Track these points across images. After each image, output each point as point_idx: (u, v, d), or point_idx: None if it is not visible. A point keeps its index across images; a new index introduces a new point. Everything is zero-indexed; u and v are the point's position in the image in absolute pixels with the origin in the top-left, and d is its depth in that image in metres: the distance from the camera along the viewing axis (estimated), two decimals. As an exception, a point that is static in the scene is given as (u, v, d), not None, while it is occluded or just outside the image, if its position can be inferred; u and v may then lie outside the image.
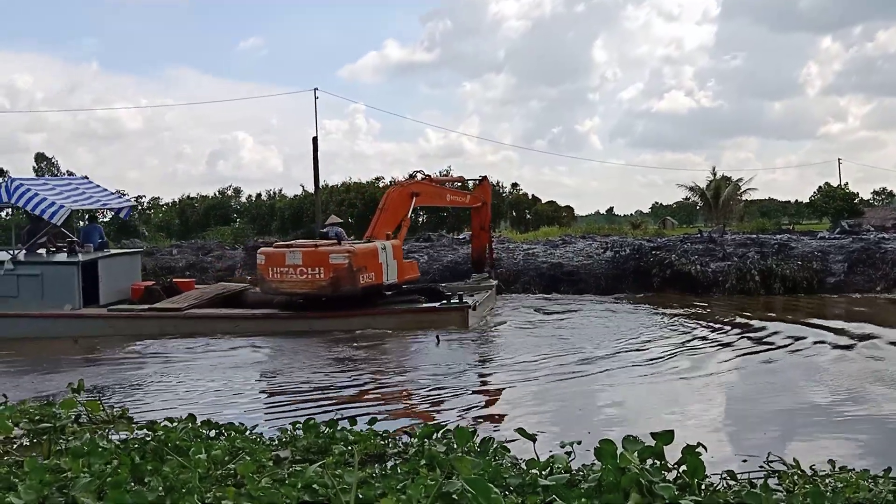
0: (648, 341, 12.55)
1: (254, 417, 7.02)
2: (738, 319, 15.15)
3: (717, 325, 14.32)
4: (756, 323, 14.59)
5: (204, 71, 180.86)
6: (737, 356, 11.10)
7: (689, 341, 12.53)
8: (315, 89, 44.21)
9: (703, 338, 12.92)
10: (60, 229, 17.49)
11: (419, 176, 18.75)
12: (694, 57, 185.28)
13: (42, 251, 16.70)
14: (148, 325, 15.19)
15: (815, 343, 12.05)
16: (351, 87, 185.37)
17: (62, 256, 16.49)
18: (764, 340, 12.48)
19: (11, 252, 16.08)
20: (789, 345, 11.93)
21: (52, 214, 15.61)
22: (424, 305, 15.37)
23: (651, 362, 10.65)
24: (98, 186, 17.87)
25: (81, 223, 19.79)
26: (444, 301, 15.20)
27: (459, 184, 19.99)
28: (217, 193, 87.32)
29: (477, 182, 19.60)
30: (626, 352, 11.63)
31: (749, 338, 12.78)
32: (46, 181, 17.25)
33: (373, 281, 14.78)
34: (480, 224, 18.82)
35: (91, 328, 15.17)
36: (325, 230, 18.12)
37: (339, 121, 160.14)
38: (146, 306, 15.77)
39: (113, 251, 17.98)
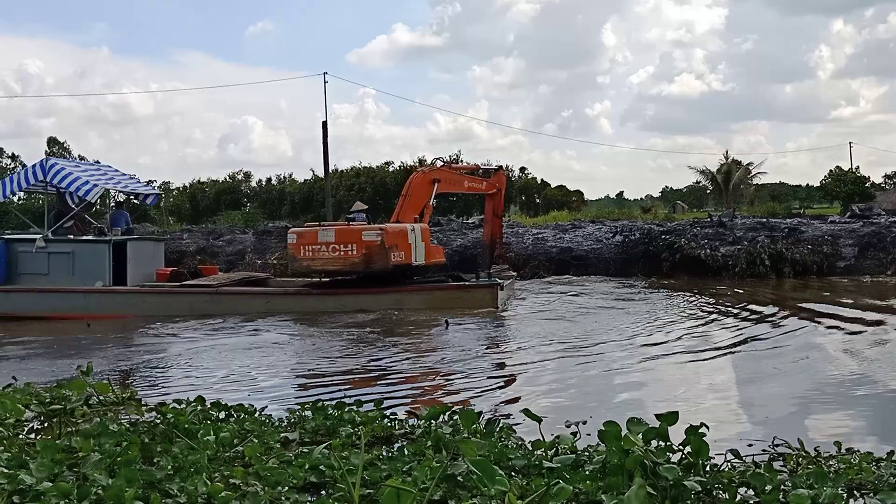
0: (667, 325, 12.35)
1: (265, 399, 7.06)
2: (755, 302, 15.02)
3: (734, 309, 14.16)
4: (774, 305, 14.43)
5: (214, 55, 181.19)
6: (759, 339, 10.88)
7: (706, 325, 12.35)
8: (324, 73, 44.07)
9: (724, 321, 12.70)
10: (84, 216, 17.63)
11: (438, 163, 19.04)
12: (705, 40, 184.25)
13: (69, 236, 16.87)
14: (180, 302, 15.45)
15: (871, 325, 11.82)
16: (360, 72, 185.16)
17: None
18: (788, 322, 12.27)
19: (43, 231, 16.24)
20: (815, 328, 11.72)
21: (87, 192, 15.86)
22: (455, 283, 15.81)
23: (669, 345, 10.52)
24: (125, 174, 18.25)
25: (93, 208, 19.96)
26: (475, 278, 15.70)
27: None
28: (228, 178, 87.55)
29: (493, 170, 19.77)
30: (645, 335, 11.41)
31: (772, 320, 12.55)
32: (78, 164, 17.49)
33: (402, 260, 15.15)
34: (494, 210, 18.99)
35: (123, 304, 15.43)
36: (351, 216, 18.38)
37: (349, 105, 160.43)
38: (178, 283, 16.15)
39: (139, 236, 18.35)
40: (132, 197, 18.55)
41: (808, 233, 22.55)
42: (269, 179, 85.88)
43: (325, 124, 41.64)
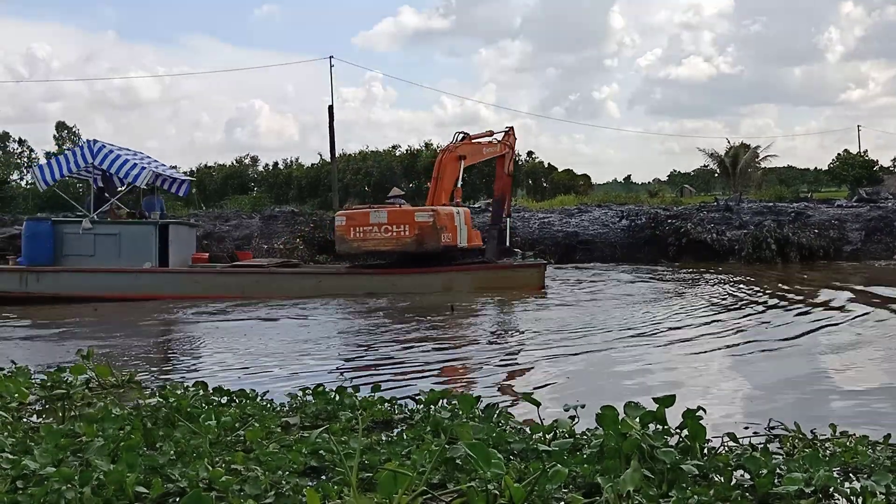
0: (672, 312, 12.16)
1: (270, 385, 7.08)
2: (761, 287, 14.93)
3: (741, 293, 14.05)
4: (781, 290, 14.34)
5: (220, 39, 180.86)
6: (764, 324, 10.76)
7: (712, 311, 12.17)
8: (331, 57, 43.95)
9: (731, 306, 12.51)
10: (117, 203, 17.65)
11: (459, 137, 19.31)
12: (713, 22, 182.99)
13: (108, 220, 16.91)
14: (232, 282, 15.84)
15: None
16: (367, 55, 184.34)
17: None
18: (794, 308, 12.11)
19: (89, 214, 16.25)
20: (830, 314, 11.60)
21: (136, 177, 15.99)
22: (503, 263, 16.63)
23: (673, 333, 10.42)
24: (157, 161, 18.27)
25: (134, 193, 19.83)
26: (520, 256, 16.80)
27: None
28: (234, 162, 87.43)
29: (504, 132, 19.94)
30: (650, 321, 11.26)
31: (779, 305, 12.43)
32: (121, 148, 17.42)
33: (450, 241, 15.79)
34: (504, 168, 19.18)
35: (175, 285, 15.66)
36: (390, 201, 18.53)
37: (356, 89, 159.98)
38: (228, 264, 16.64)
39: (178, 220, 18.59)
40: (162, 184, 18.46)
41: (814, 217, 22.51)
42: (276, 164, 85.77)
43: (331, 108, 41.70)
